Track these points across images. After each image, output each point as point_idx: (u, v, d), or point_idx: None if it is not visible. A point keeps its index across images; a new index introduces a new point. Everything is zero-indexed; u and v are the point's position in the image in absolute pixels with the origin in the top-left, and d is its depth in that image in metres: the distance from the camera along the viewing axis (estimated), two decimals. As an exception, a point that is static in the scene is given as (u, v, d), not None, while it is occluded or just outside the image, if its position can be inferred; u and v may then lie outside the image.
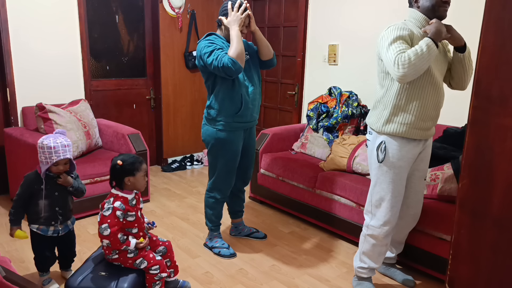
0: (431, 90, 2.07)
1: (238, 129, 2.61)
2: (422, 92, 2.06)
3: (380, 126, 2.15)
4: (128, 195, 2.05)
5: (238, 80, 2.51)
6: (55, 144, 2.11)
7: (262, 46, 2.60)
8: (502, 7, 1.30)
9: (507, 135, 1.32)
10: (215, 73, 2.44)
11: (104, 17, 4.16)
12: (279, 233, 3.16)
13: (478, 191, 1.42)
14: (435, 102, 2.11)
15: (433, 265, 2.47)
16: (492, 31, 1.32)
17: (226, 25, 2.48)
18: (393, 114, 2.11)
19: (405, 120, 2.09)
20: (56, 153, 2.12)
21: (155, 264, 2.05)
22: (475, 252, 1.46)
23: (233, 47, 2.37)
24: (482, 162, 1.40)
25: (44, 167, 2.14)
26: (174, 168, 4.65)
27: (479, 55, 1.37)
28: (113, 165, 2.05)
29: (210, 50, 2.40)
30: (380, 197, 2.21)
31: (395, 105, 2.10)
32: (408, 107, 2.08)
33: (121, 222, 1.99)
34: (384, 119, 2.13)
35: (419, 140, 2.17)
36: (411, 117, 2.08)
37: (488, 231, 1.41)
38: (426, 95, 2.07)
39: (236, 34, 2.40)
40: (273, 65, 2.71)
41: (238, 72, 2.36)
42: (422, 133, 2.14)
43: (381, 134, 2.16)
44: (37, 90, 3.65)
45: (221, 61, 2.33)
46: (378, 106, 2.18)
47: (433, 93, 2.08)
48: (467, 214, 1.46)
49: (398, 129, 2.10)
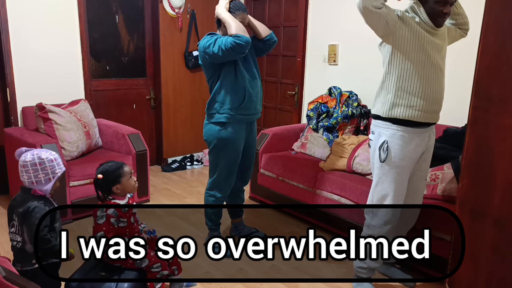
0: (432, 70, 2.07)
1: (242, 122, 2.61)
2: (423, 72, 2.06)
3: (387, 111, 2.12)
4: (120, 201, 2.04)
5: (240, 73, 2.52)
6: (54, 156, 1.88)
7: (256, 26, 2.60)
8: (502, 7, 1.30)
9: (507, 135, 1.32)
10: (224, 60, 2.45)
11: (104, 17, 4.16)
12: (279, 233, 3.16)
13: (478, 191, 1.42)
14: (437, 83, 2.10)
15: (433, 265, 2.47)
16: (492, 31, 1.32)
17: (218, 17, 2.51)
18: (398, 97, 2.09)
19: (410, 102, 2.08)
20: (59, 165, 1.90)
21: (156, 262, 2.05)
22: (475, 252, 1.46)
23: (230, 26, 2.40)
24: (482, 162, 1.40)
25: (48, 184, 1.86)
26: (174, 168, 4.65)
27: (479, 55, 1.37)
28: (95, 180, 2.00)
29: (213, 40, 2.43)
30: (382, 197, 2.21)
31: (398, 87, 2.09)
32: (411, 88, 2.07)
33: (116, 228, 1.99)
34: (390, 103, 2.11)
35: (423, 137, 2.16)
36: (416, 98, 2.07)
37: (488, 231, 1.41)
38: (428, 76, 2.07)
39: (227, 15, 2.44)
40: (274, 40, 2.67)
41: (248, 43, 2.36)
42: (430, 116, 2.12)
43: (386, 127, 2.15)
44: (37, 90, 3.65)
45: (227, 43, 2.34)
46: (380, 92, 2.17)
47: (434, 74, 2.08)
48: (467, 214, 1.46)
49: (405, 113, 2.09)
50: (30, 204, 1.82)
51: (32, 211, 1.81)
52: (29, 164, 1.81)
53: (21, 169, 1.83)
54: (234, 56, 2.42)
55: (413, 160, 2.17)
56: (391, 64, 2.10)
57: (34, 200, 1.84)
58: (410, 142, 2.13)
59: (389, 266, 2.57)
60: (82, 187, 3.23)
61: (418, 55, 2.05)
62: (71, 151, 3.30)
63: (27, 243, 1.84)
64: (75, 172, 3.17)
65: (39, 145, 2.99)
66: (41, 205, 1.83)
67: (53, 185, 1.87)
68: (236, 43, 2.33)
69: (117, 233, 2.00)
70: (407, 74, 2.07)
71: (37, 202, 1.83)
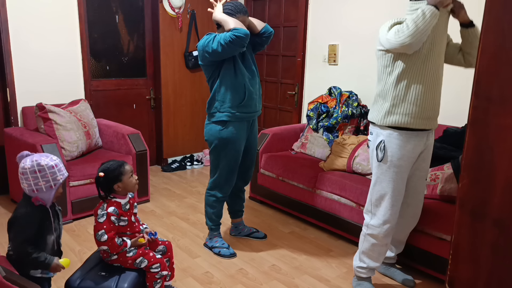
0: (429, 76, 2.07)
1: (243, 120, 2.61)
2: (421, 79, 2.06)
3: (382, 119, 2.14)
4: (121, 200, 2.04)
5: (240, 71, 2.53)
6: (54, 162, 1.77)
7: (251, 23, 2.60)
8: (502, 7, 1.29)
9: (507, 135, 1.32)
10: (224, 56, 2.45)
11: (104, 17, 4.16)
12: (279, 233, 3.16)
13: (478, 191, 1.42)
14: (434, 89, 2.10)
15: (433, 265, 2.47)
16: (492, 31, 1.32)
17: (215, 20, 2.53)
18: (393, 106, 2.10)
19: (406, 110, 2.08)
20: (60, 171, 1.78)
21: (156, 263, 2.05)
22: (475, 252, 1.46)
23: (227, 22, 2.43)
24: (482, 162, 1.39)
25: (50, 192, 1.75)
26: (174, 168, 4.65)
27: (479, 55, 1.37)
28: (96, 178, 2.01)
29: (212, 38, 2.44)
30: (380, 196, 2.22)
31: (394, 96, 2.10)
32: (408, 97, 2.08)
33: (117, 227, 2.00)
34: (385, 111, 2.13)
35: (421, 137, 2.16)
36: (412, 106, 2.08)
37: (488, 231, 1.41)
38: (425, 82, 2.06)
39: (223, 15, 2.47)
40: (270, 31, 2.65)
41: (247, 36, 2.37)
42: (425, 123, 2.12)
43: (383, 127, 2.16)
44: (37, 90, 3.65)
45: (226, 37, 2.36)
46: (378, 100, 2.19)
47: (431, 80, 2.07)
48: (467, 214, 1.46)
49: (400, 120, 2.10)
50: (16, 212, 1.74)
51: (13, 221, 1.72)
52: (28, 171, 1.71)
53: (21, 176, 1.73)
54: (234, 51, 2.42)
55: (411, 160, 2.17)
56: (390, 74, 2.10)
57: (22, 209, 1.74)
58: (407, 141, 2.13)
59: (389, 266, 2.57)
60: (82, 187, 3.23)
61: (419, 63, 2.04)
62: (71, 151, 3.30)
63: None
64: (75, 172, 3.17)
65: (39, 145, 2.99)
66: (28, 210, 1.73)
67: (55, 192, 1.77)
68: (235, 36, 2.33)
69: (118, 232, 2.00)
70: (406, 82, 2.07)
71: (27, 209, 1.73)
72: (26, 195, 1.77)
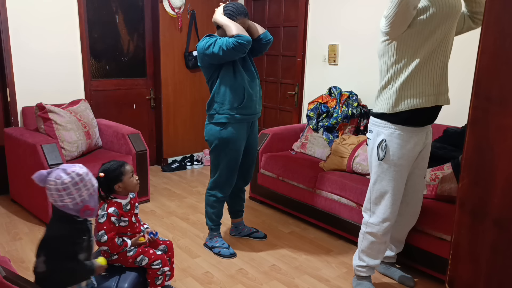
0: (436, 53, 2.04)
1: (242, 121, 2.62)
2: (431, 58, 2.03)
3: (392, 107, 2.09)
4: (122, 200, 2.04)
5: (239, 73, 2.53)
6: (78, 178, 1.64)
7: (251, 26, 2.59)
8: (502, 7, 1.29)
9: (507, 135, 1.32)
10: (224, 60, 2.46)
11: (104, 17, 4.16)
12: (279, 233, 3.16)
13: (478, 191, 1.42)
14: (442, 65, 2.07)
15: (433, 265, 2.47)
16: (492, 31, 1.32)
17: (216, 23, 2.53)
18: (403, 89, 2.06)
19: (416, 91, 2.05)
20: (86, 186, 1.66)
21: (156, 259, 2.05)
22: (475, 252, 1.46)
23: (230, 27, 2.43)
24: (482, 162, 1.39)
25: (94, 198, 1.67)
26: (174, 168, 4.65)
27: (479, 55, 1.37)
28: (97, 178, 1.96)
29: (212, 41, 2.44)
30: (380, 194, 2.22)
31: (403, 80, 2.05)
32: (418, 78, 2.04)
33: (117, 227, 2.00)
34: (395, 97, 2.08)
35: (421, 135, 2.15)
36: (421, 86, 2.05)
37: (488, 231, 1.41)
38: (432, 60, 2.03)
39: (225, 19, 2.47)
40: (268, 38, 2.64)
41: (249, 43, 2.39)
42: (437, 99, 2.10)
43: (391, 117, 2.11)
44: (37, 90, 3.65)
45: (229, 43, 2.37)
46: (383, 92, 2.14)
47: (438, 56, 2.04)
48: (467, 214, 1.46)
49: (412, 102, 2.06)
50: (47, 233, 1.64)
51: (50, 241, 1.62)
52: (70, 184, 1.60)
53: (61, 194, 1.60)
54: (234, 56, 2.42)
55: (411, 159, 2.18)
56: (396, 62, 2.05)
57: (58, 226, 1.64)
58: (408, 141, 2.13)
59: (389, 265, 2.57)
60: (82, 187, 3.22)
61: (426, 43, 2.01)
62: (71, 151, 3.30)
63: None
64: (75, 172, 3.17)
65: (39, 145, 2.99)
66: (65, 227, 1.62)
67: (81, 209, 1.63)
68: (238, 43, 2.34)
69: (118, 232, 2.01)
70: (413, 66, 2.03)
71: (62, 225, 1.63)
72: (59, 212, 1.64)
